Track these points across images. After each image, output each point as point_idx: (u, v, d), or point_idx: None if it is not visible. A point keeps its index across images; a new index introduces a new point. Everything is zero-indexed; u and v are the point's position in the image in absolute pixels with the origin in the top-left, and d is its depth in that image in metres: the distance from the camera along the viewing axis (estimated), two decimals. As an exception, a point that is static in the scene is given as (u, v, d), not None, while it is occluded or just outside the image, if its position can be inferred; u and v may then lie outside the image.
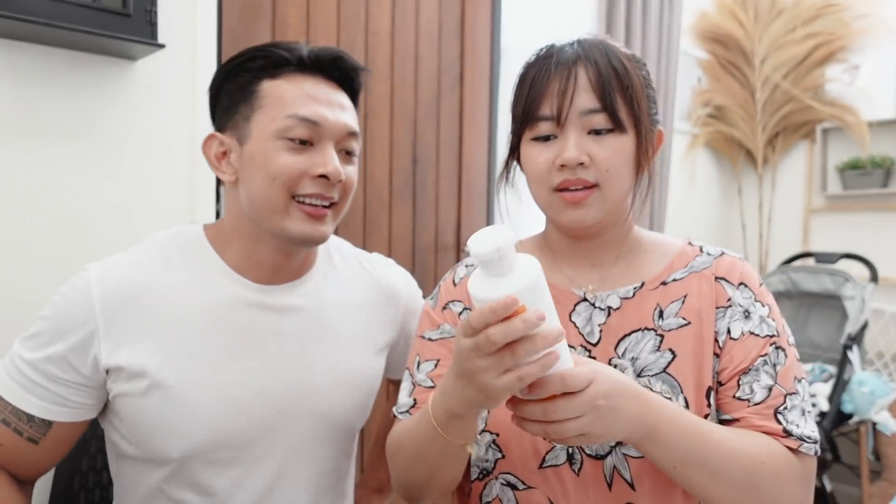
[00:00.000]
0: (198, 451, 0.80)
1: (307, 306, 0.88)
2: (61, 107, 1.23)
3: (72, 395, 0.78)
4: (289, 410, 0.85)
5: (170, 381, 0.78)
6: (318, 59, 0.82)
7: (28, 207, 1.20)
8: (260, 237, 0.83)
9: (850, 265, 2.54)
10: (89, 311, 0.77)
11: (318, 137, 0.80)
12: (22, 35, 1.16)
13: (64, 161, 1.24)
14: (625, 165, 0.76)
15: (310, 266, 0.91)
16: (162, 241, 0.85)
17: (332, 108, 0.81)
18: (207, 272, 0.83)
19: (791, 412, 0.74)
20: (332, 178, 0.80)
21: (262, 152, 0.79)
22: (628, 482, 0.75)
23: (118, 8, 1.20)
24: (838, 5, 2.77)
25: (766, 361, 0.75)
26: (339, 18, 1.69)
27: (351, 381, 0.90)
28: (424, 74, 1.90)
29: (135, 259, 0.82)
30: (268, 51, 0.81)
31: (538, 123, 0.76)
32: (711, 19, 2.91)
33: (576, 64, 0.74)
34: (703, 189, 3.04)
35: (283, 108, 0.79)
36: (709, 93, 2.94)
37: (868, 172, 2.80)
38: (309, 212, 0.80)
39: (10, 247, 1.18)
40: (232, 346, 0.82)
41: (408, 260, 1.90)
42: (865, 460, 2.33)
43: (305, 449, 0.87)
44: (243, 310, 0.83)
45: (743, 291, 0.80)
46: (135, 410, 0.79)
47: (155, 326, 0.79)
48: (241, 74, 0.82)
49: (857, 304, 2.34)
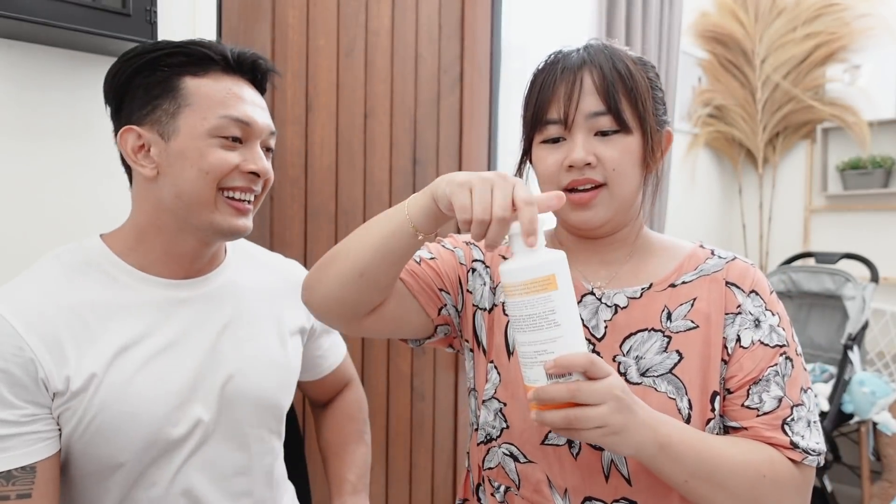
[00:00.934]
0: (144, 448, 0.81)
1: (225, 296, 0.92)
2: (61, 107, 1.23)
3: (42, 426, 0.76)
4: (223, 397, 0.88)
5: (110, 386, 0.79)
6: (240, 60, 0.86)
7: (28, 207, 1.20)
8: (181, 230, 0.85)
9: (850, 265, 2.54)
10: (18, 342, 0.74)
11: (247, 136, 0.85)
12: (22, 35, 1.16)
13: (63, 161, 1.24)
14: (631, 165, 0.78)
15: (221, 258, 0.95)
16: (61, 259, 0.84)
17: (256, 110, 0.86)
18: (115, 280, 0.84)
19: (797, 423, 0.75)
20: (261, 175, 0.86)
21: (193, 148, 0.82)
22: (625, 477, 0.76)
23: (118, 8, 1.20)
24: (839, 5, 2.77)
25: (776, 372, 0.76)
26: (339, 18, 1.69)
27: (274, 361, 0.95)
28: (424, 74, 1.89)
29: (38, 280, 0.81)
30: (189, 48, 0.83)
31: (547, 127, 0.79)
32: (712, 19, 2.91)
33: (581, 69, 0.77)
34: (703, 189, 3.04)
35: (214, 108, 0.82)
36: (709, 93, 2.94)
37: (868, 172, 2.80)
38: (236, 206, 0.84)
39: (10, 247, 1.18)
40: (159, 344, 0.84)
41: (408, 260, 1.91)
42: (866, 460, 2.33)
43: (242, 432, 0.90)
44: (165, 307, 0.85)
45: (754, 299, 0.80)
46: (80, 423, 0.78)
47: (85, 339, 0.79)
48: (159, 69, 0.83)
49: (858, 305, 2.34)
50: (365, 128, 1.75)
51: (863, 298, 2.34)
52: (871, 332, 2.63)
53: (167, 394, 0.83)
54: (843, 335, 2.32)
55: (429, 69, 1.90)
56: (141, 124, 0.84)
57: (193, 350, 0.86)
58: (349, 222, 1.73)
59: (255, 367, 0.92)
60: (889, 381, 2.40)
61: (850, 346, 2.27)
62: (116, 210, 1.29)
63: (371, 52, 1.75)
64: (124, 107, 0.86)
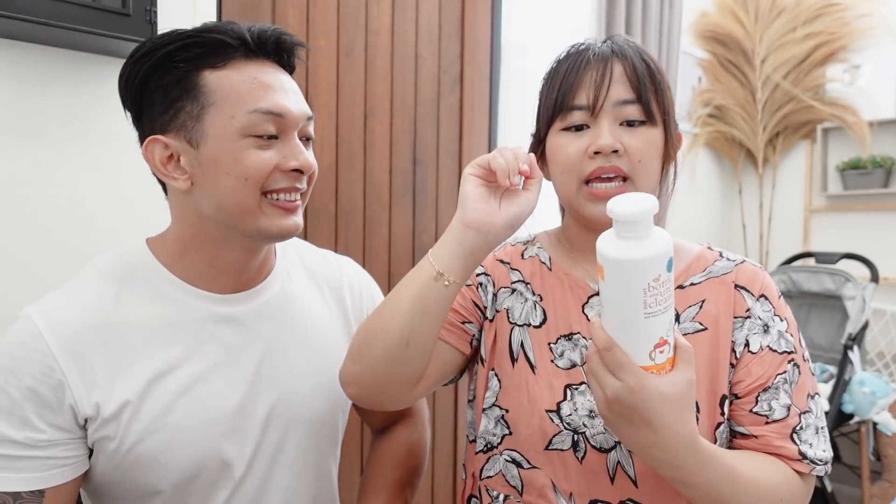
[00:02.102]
0: (186, 479, 0.76)
1: (274, 310, 0.84)
2: (61, 106, 1.23)
3: (58, 453, 0.71)
4: (271, 422, 0.82)
5: (150, 412, 0.74)
6: (261, 40, 0.75)
7: (27, 207, 1.20)
8: (226, 240, 0.78)
9: (850, 265, 2.54)
10: (50, 361, 0.70)
11: (282, 129, 0.75)
12: (22, 35, 1.16)
13: (64, 160, 1.24)
14: (655, 157, 0.77)
15: (271, 267, 0.87)
16: (104, 268, 0.78)
17: (288, 96, 0.76)
18: (163, 294, 0.77)
19: (805, 431, 0.74)
20: (304, 170, 0.76)
21: (226, 153, 0.73)
22: (631, 479, 0.75)
23: (118, 8, 1.20)
24: (839, 5, 2.77)
25: (785, 380, 0.76)
26: (339, 18, 1.69)
27: (329, 381, 0.86)
28: (424, 74, 1.89)
29: (81, 294, 0.75)
30: (202, 36, 0.73)
31: (571, 113, 0.76)
32: (712, 19, 2.91)
33: (611, 58, 0.77)
34: (703, 189, 3.03)
35: (241, 103, 0.73)
36: (709, 93, 2.94)
37: (868, 172, 2.80)
38: (283, 206, 0.76)
39: (10, 247, 1.18)
40: (204, 365, 0.77)
41: (408, 260, 1.90)
42: (866, 460, 2.33)
43: (292, 458, 0.84)
44: (210, 326, 0.78)
45: (763, 304, 0.79)
46: (117, 451, 0.74)
47: (121, 362, 0.73)
48: (175, 66, 0.73)
49: (858, 305, 2.34)
50: (365, 128, 1.75)
51: (863, 298, 2.34)
52: (871, 332, 2.63)
53: (210, 421, 0.76)
54: (844, 335, 2.32)
55: (429, 69, 1.90)
56: (165, 132, 0.75)
57: (239, 372, 0.79)
58: (349, 222, 1.73)
59: (307, 386, 0.84)
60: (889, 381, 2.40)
61: (850, 346, 2.27)
62: (117, 209, 1.29)
63: (371, 52, 1.75)
64: (144, 113, 0.77)
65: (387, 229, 1.84)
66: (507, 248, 0.90)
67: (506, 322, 0.83)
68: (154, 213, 1.34)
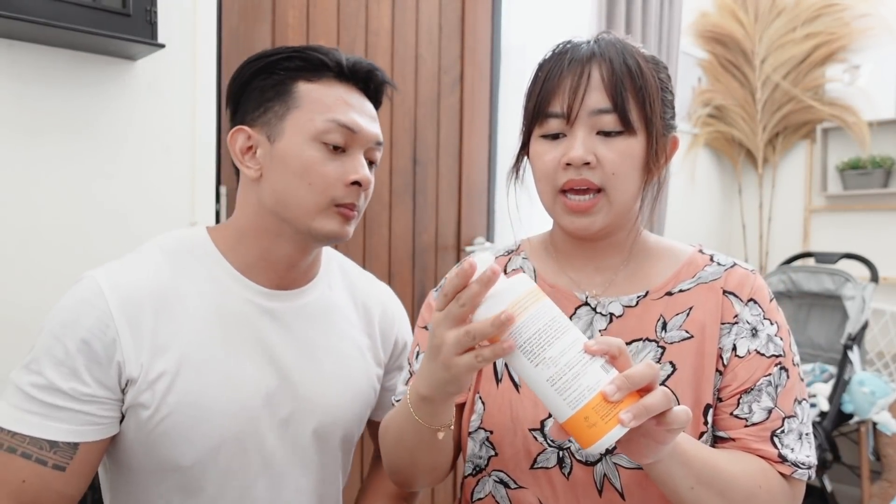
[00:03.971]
0: (208, 458, 0.79)
1: (314, 314, 0.89)
2: (61, 106, 1.23)
3: (97, 410, 0.75)
4: (293, 419, 0.85)
5: (185, 386, 0.77)
6: (354, 69, 0.84)
7: (28, 207, 1.20)
8: (280, 233, 0.83)
9: (850, 265, 2.54)
10: (107, 319, 0.75)
11: (350, 144, 0.82)
12: (22, 35, 1.16)
13: (63, 161, 1.24)
14: (632, 169, 0.74)
15: (316, 272, 0.92)
16: (164, 245, 0.84)
17: (364, 117, 0.84)
18: (215, 277, 0.83)
19: (788, 436, 0.73)
20: (363, 184, 0.82)
21: (295, 153, 0.80)
22: (618, 491, 0.74)
23: (118, 8, 1.20)
24: (839, 5, 2.77)
25: (769, 382, 0.74)
26: (339, 18, 1.69)
27: (352, 391, 0.91)
28: (424, 74, 1.90)
29: (142, 264, 0.80)
30: (306, 53, 0.83)
31: (548, 120, 0.75)
32: (711, 19, 2.91)
33: (590, 61, 0.73)
34: (703, 189, 3.04)
35: (322, 111, 0.81)
36: (709, 93, 2.94)
37: (868, 172, 2.80)
38: (339, 212, 0.82)
39: (10, 246, 1.18)
40: (241, 352, 0.81)
41: (408, 260, 1.90)
42: (866, 460, 2.33)
43: (307, 458, 0.87)
44: (254, 316, 0.83)
45: (752, 308, 0.77)
46: (149, 420, 0.77)
47: (171, 332, 0.78)
48: (275, 72, 0.82)
49: (858, 304, 2.34)
50: (365, 128, 1.75)
51: (862, 298, 2.34)
52: (871, 332, 2.63)
53: (238, 406, 0.80)
54: (843, 335, 2.32)
55: (429, 69, 1.91)
56: (252, 125, 0.83)
57: (271, 366, 0.83)
58: (349, 222, 1.73)
59: (332, 392, 0.88)
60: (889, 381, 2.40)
61: (850, 346, 2.27)
62: (117, 209, 1.29)
63: (371, 53, 1.75)
64: (240, 108, 0.85)
65: (387, 229, 1.84)
66: None
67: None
68: (151, 212, 1.34)
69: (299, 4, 1.61)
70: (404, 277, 1.89)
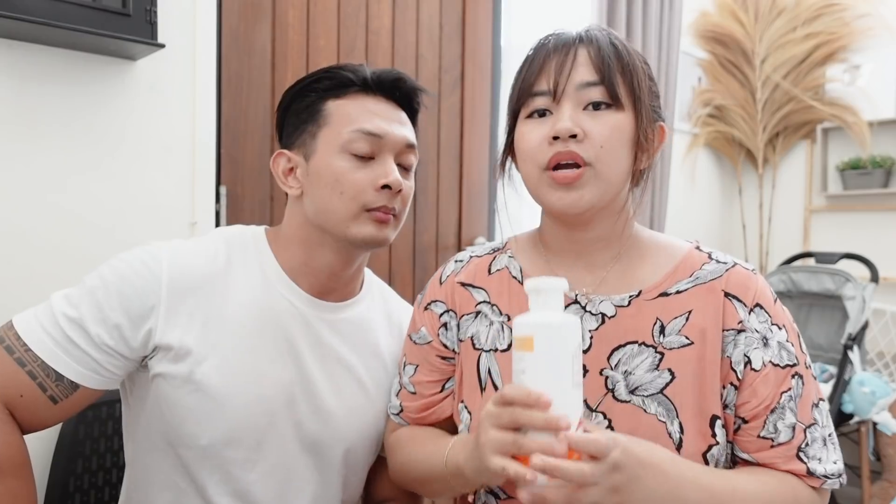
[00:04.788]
0: (224, 441, 0.81)
1: (347, 332, 0.91)
2: (61, 106, 1.23)
3: (109, 363, 0.78)
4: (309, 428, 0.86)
5: (209, 372, 0.80)
6: (379, 80, 0.87)
7: (28, 207, 1.20)
8: (322, 243, 0.86)
9: (850, 265, 2.54)
10: (155, 286, 0.78)
11: (379, 150, 0.84)
12: (22, 35, 1.15)
13: (63, 161, 1.23)
14: (621, 144, 0.71)
15: (358, 290, 0.94)
16: (227, 236, 0.88)
17: (391, 123, 0.86)
18: (264, 273, 0.86)
19: (812, 447, 0.71)
20: (393, 187, 0.83)
21: (327, 166, 0.83)
22: None
23: (118, 8, 1.20)
24: (839, 5, 2.77)
25: (790, 397, 0.71)
26: (340, 18, 1.69)
27: (372, 414, 0.91)
28: (425, 74, 1.89)
29: (203, 249, 0.85)
30: (333, 72, 0.86)
31: (534, 99, 0.73)
32: (711, 19, 2.90)
33: (576, 43, 0.73)
34: (703, 189, 3.04)
35: (348, 124, 0.83)
36: (709, 93, 2.94)
37: (868, 172, 2.80)
38: (375, 217, 0.84)
39: (10, 246, 1.18)
40: (273, 351, 0.84)
41: (408, 260, 1.90)
42: (866, 460, 2.33)
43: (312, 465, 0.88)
44: (291, 318, 0.86)
45: (759, 314, 0.74)
46: (172, 393, 0.80)
47: (209, 317, 0.81)
48: (308, 95, 0.86)
49: (858, 304, 2.34)
50: (365, 128, 1.75)
51: (863, 298, 2.34)
52: (871, 332, 2.63)
53: (259, 399, 0.82)
54: (843, 335, 2.32)
55: (430, 69, 1.90)
56: (291, 148, 0.88)
57: (296, 370, 0.85)
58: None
59: (352, 410, 0.89)
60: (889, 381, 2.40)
61: (850, 346, 2.27)
62: (117, 209, 1.29)
63: (372, 52, 1.75)
64: (283, 133, 0.90)
65: (387, 229, 1.84)
66: (472, 265, 0.86)
67: (471, 350, 0.81)
68: (151, 212, 1.34)
69: (299, 4, 1.61)
70: (404, 277, 1.89)
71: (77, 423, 1.14)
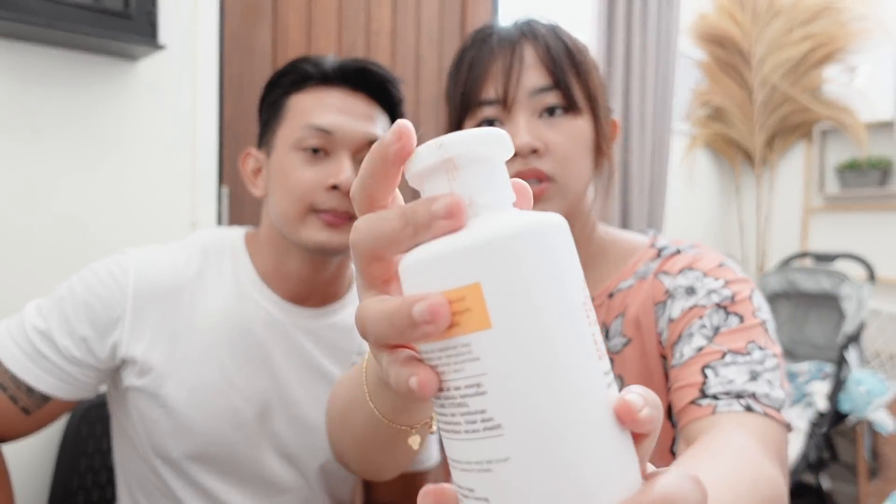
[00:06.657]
0: (194, 455, 0.79)
1: (333, 338, 0.85)
2: (62, 107, 1.23)
3: (80, 374, 0.76)
4: (283, 436, 0.82)
5: (174, 389, 0.77)
6: (342, 71, 0.80)
7: (29, 207, 1.20)
8: (288, 248, 0.82)
9: (847, 265, 2.55)
10: (121, 298, 0.76)
11: (332, 146, 0.78)
12: (23, 36, 1.16)
13: (64, 161, 1.24)
14: (584, 152, 0.66)
15: (343, 292, 0.88)
16: (204, 242, 0.84)
17: (348, 117, 0.78)
18: (238, 280, 0.82)
19: (727, 368, 0.56)
20: (342, 187, 0.76)
21: (279, 167, 0.79)
22: None
23: (119, 9, 1.20)
24: (836, 7, 2.78)
25: (703, 325, 0.60)
26: (340, 18, 1.70)
27: None
28: (425, 74, 1.90)
29: (173, 258, 0.81)
30: (295, 65, 0.81)
31: (480, 109, 0.66)
32: (710, 20, 2.92)
33: (520, 41, 0.66)
34: (701, 189, 3.05)
35: (300, 119, 0.78)
36: (707, 94, 2.95)
37: (866, 173, 2.81)
38: (326, 220, 0.77)
39: (10, 246, 1.19)
40: (244, 361, 0.80)
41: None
42: (862, 459, 2.34)
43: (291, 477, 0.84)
44: (265, 327, 0.81)
45: (686, 274, 0.65)
46: (142, 406, 0.78)
47: (175, 330, 0.78)
48: (274, 90, 0.83)
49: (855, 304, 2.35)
50: (365, 128, 1.75)
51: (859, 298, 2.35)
52: (868, 331, 2.64)
53: (227, 411, 0.79)
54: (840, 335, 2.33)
55: (430, 70, 1.91)
56: (259, 147, 0.85)
57: (271, 379, 0.82)
58: (349, 222, 1.74)
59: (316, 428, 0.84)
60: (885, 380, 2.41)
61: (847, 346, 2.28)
62: (117, 210, 1.30)
63: (372, 53, 1.75)
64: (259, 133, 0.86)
65: (387, 229, 1.84)
66: None
67: None
68: (153, 213, 1.35)
69: (300, 5, 1.61)
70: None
71: (80, 421, 1.15)
